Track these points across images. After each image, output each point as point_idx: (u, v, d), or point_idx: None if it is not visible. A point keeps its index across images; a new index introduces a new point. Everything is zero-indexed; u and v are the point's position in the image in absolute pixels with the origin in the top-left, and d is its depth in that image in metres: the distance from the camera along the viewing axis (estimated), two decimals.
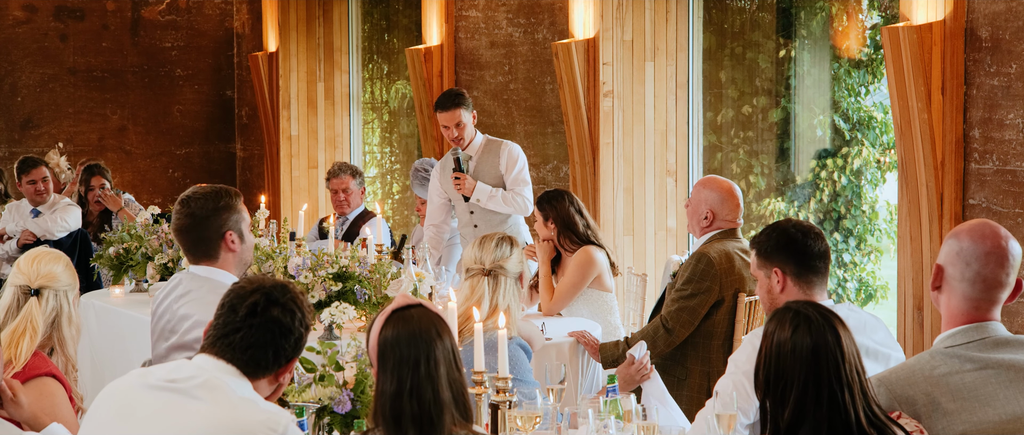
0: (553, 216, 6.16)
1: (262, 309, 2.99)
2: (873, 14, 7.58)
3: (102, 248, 7.30)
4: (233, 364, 2.99)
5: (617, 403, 3.75)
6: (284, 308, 3.01)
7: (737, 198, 5.60)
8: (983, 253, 3.34)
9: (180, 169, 12.11)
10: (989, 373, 3.27)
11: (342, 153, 11.53)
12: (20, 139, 11.49)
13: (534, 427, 3.63)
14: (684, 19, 7.92)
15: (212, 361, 2.99)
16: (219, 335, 3.00)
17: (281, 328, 3.00)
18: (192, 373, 2.98)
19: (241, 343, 2.98)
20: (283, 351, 3.01)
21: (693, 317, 5.46)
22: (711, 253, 5.46)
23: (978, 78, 5.77)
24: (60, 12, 11.63)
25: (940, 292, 3.39)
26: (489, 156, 7.01)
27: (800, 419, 3.03)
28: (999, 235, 3.37)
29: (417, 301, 3.05)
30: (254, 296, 3.00)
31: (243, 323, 2.99)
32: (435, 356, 2.94)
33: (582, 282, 6.10)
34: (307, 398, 3.61)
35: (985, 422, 3.22)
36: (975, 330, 3.33)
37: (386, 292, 5.54)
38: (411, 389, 2.92)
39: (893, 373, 3.29)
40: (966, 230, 3.39)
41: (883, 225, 7.58)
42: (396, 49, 11.26)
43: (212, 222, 4.37)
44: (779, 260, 3.96)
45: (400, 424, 2.91)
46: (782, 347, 3.07)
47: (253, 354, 2.98)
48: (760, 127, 8.05)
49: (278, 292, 3.02)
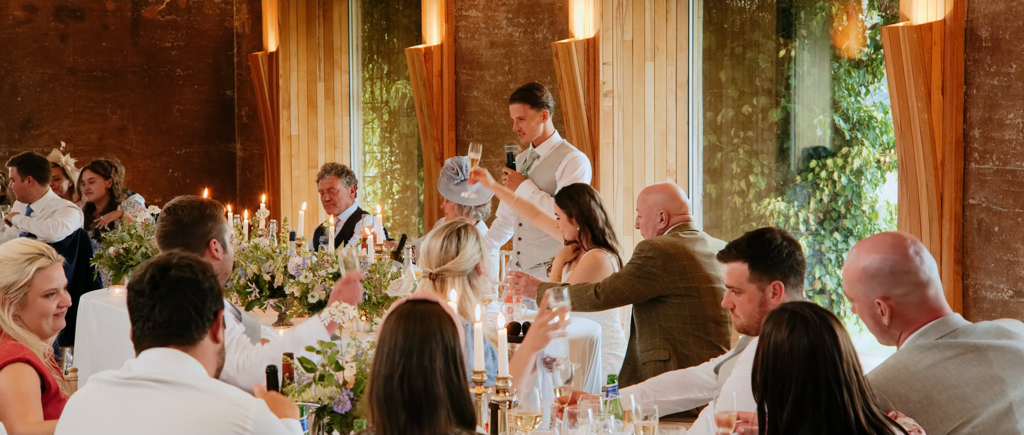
0: (575, 212, 6.14)
1: (161, 278, 3.03)
2: (873, 14, 7.58)
3: (102, 248, 7.30)
4: (169, 344, 3.02)
5: (617, 403, 3.75)
6: (178, 267, 3.05)
7: (681, 194, 5.79)
8: (905, 256, 3.36)
9: (180, 169, 12.11)
10: (970, 357, 3.30)
11: (342, 153, 11.53)
12: (20, 139, 11.49)
13: (534, 427, 3.63)
14: (684, 19, 7.92)
15: (154, 352, 3.02)
16: (143, 322, 3.04)
17: (188, 284, 3.04)
18: (144, 369, 3.00)
19: (161, 317, 3.02)
20: (203, 305, 3.05)
21: (620, 298, 5.58)
22: (657, 241, 5.54)
23: (978, 78, 5.77)
24: (60, 12, 11.63)
25: (892, 322, 3.37)
26: (554, 159, 6.96)
27: (799, 420, 3.02)
28: (898, 235, 3.42)
29: (434, 299, 3.05)
30: (148, 272, 3.05)
31: (153, 298, 3.02)
32: (431, 349, 2.95)
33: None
34: (307, 398, 3.62)
35: (976, 405, 3.24)
36: (942, 324, 3.36)
37: (386, 292, 5.54)
38: (402, 374, 2.94)
39: (879, 375, 3.29)
40: (868, 252, 3.38)
41: (883, 225, 7.58)
42: (396, 49, 11.26)
43: (198, 229, 4.47)
44: (781, 274, 3.98)
45: (391, 407, 2.93)
46: (779, 348, 3.06)
47: (177, 319, 3.03)
48: (760, 127, 8.05)
49: (165, 259, 3.08)
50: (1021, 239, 5.63)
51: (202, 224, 4.47)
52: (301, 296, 5.50)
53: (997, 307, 5.72)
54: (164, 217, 4.53)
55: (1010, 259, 5.67)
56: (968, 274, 5.83)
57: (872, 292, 3.36)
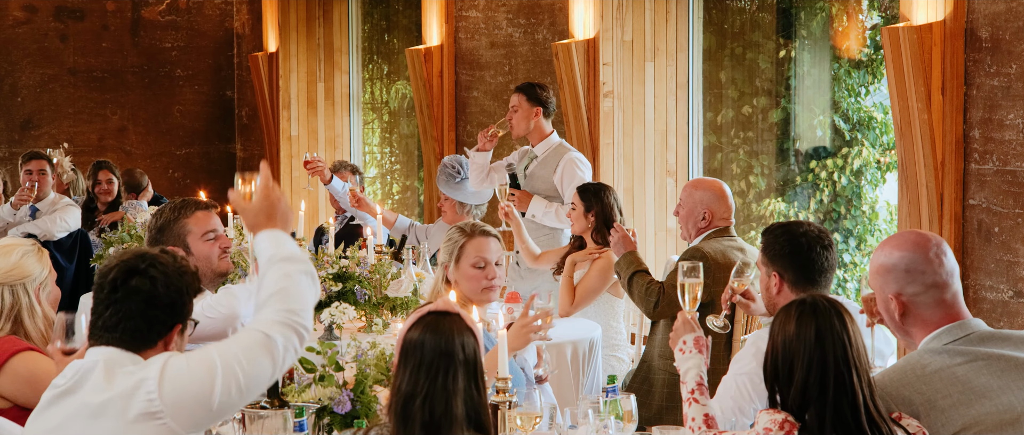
0: (596, 209, 6.11)
1: (121, 282, 2.95)
2: (873, 14, 7.58)
3: (102, 248, 7.31)
4: (112, 345, 2.95)
5: (617, 403, 3.75)
6: (143, 275, 2.95)
7: (729, 196, 5.63)
8: (926, 256, 3.34)
9: (180, 169, 12.11)
10: (980, 365, 3.27)
11: (342, 153, 11.53)
12: (20, 139, 11.49)
13: (534, 427, 3.63)
14: (684, 19, 7.92)
15: (98, 349, 2.96)
16: (94, 321, 2.98)
17: (144, 296, 2.95)
18: (76, 369, 2.95)
19: (111, 321, 2.95)
20: (156, 319, 2.96)
21: (675, 308, 5.41)
22: (706, 249, 5.45)
23: (978, 78, 5.77)
24: (60, 12, 11.63)
25: (906, 318, 3.37)
26: (551, 160, 6.95)
27: (807, 401, 3.04)
28: (923, 235, 3.40)
29: (455, 310, 3.03)
30: (112, 272, 2.97)
31: (108, 300, 2.96)
32: (456, 370, 2.93)
33: (602, 287, 6.11)
34: (307, 398, 3.61)
35: (982, 414, 3.22)
36: (958, 328, 3.33)
37: (386, 292, 5.54)
38: (425, 396, 2.91)
39: (885, 376, 3.29)
40: (892, 249, 3.37)
41: (883, 225, 7.58)
42: (396, 49, 11.26)
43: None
44: (779, 266, 3.97)
45: (409, 427, 2.92)
46: (788, 332, 3.08)
47: (126, 327, 2.94)
48: (760, 127, 8.05)
49: (136, 261, 2.97)
50: (1021, 239, 5.63)
51: (165, 232, 4.60)
52: None
53: (997, 307, 5.72)
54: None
55: (1010, 259, 5.67)
56: (968, 275, 5.83)
57: (887, 287, 3.37)
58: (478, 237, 4.49)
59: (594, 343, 5.79)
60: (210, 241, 4.62)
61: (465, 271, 4.46)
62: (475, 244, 4.48)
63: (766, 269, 4.00)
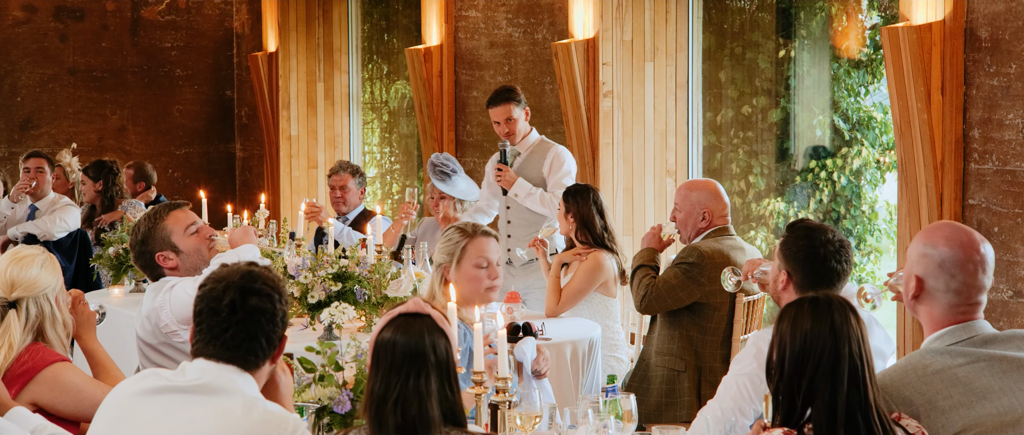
0: (574, 210, 6.17)
1: (241, 303, 3.00)
2: (873, 14, 7.58)
3: (102, 248, 7.31)
4: (232, 363, 3.01)
5: (617, 403, 3.75)
6: (260, 295, 3.02)
7: (724, 194, 5.68)
8: (965, 261, 3.31)
9: (180, 169, 12.11)
10: (982, 366, 3.25)
11: (342, 153, 11.53)
12: (20, 139, 11.49)
13: (534, 427, 3.63)
14: (684, 19, 7.92)
15: (212, 364, 3.01)
16: (210, 338, 3.01)
17: (265, 315, 3.02)
18: (197, 375, 3.00)
19: (233, 341, 3.00)
20: (274, 335, 3.05)
21: (661, 304, 5.50)
22: (703, 248, 5.48)
23: (978, 78, 5.77)
24: (60, 12, 11.63)
25: (919, 301, 3.36)
26: (537, 156, 7.07)
27: (813, 393, 3.03)
28: (975, 241, 3.33)
29: (427, 311, 3.03)
30: (228, 294, 3.01)
31: (229, 321, 3.00)
32: (428, 371, 2.93)
33: (589, 288, 6.12)
34: (307, 398, 3.62)
35: (983, 416, 3.21)
36: (962, 329, 3.32)
37: (386, 292, 5.54)
38: (396, 399, 2.92)
39: (886, 375, 3.28)
40: (942, 239, 3.33)
41: (883, 225, 7.58)
42: (396, 49, 11.26)
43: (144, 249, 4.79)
44: (791, 266, 3.96)
45: (382, 428, 2.93)
46: (795, 326, 3.07)
47: (249, 347, 3.02)
48: (760, 127, 8.05)
49: (248, 281, 3.03)
50: (1021, 239, 5.63)
51: (146, 243, 4.78)
52: (301, 296, 5.50)
53: (997, 307, 5.72)
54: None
55: (1010, 259, 5.67)
56: None
57: (916, 267, 3.35)
58: (479, 237, 4.49)
59: (594, 343, 5.79)
60: (193, 234, 4.78)
61: (467, 272, 4.45)
62: (476, 244, 4.47)
63: (779, 262, 3.99)
